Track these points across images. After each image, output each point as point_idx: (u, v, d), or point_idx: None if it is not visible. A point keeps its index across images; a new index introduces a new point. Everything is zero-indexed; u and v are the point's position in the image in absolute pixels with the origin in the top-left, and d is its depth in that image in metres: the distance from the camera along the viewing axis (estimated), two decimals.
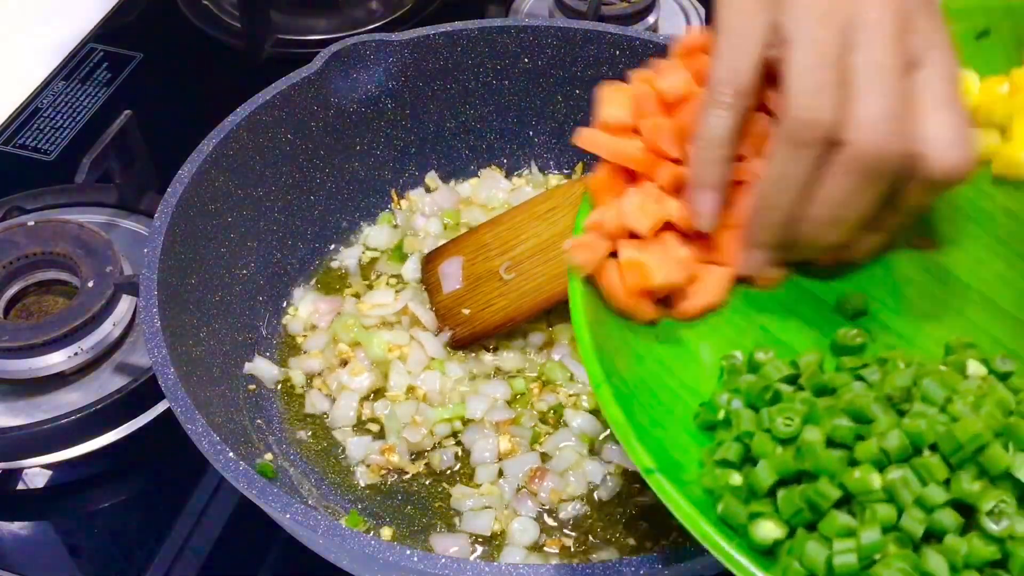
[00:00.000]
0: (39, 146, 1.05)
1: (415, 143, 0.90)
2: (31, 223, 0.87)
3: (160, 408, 0.81)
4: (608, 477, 0.72)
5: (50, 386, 0.82)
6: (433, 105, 0.89)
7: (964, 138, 0.51)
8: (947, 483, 0.46)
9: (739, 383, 0.54)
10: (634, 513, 0.71)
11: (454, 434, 0.76)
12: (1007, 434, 0.46)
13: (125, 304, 0.84)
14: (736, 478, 0.49)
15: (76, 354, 0.81)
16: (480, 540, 0.70)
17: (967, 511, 0.46)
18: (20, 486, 0.80)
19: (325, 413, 0.78)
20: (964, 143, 0.51)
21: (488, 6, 1.20)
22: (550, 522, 0.71)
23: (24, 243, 0.86)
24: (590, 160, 0.91)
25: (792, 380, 0.54)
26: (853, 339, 0.57)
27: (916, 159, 0.51)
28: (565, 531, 0.71)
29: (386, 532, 0.71)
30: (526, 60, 0.87)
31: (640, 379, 0.54)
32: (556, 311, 0.81)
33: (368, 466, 0.75)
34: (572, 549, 0.70)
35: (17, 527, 0.78)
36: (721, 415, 0.53)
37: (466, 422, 0.77)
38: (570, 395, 0.78)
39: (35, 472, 0.80)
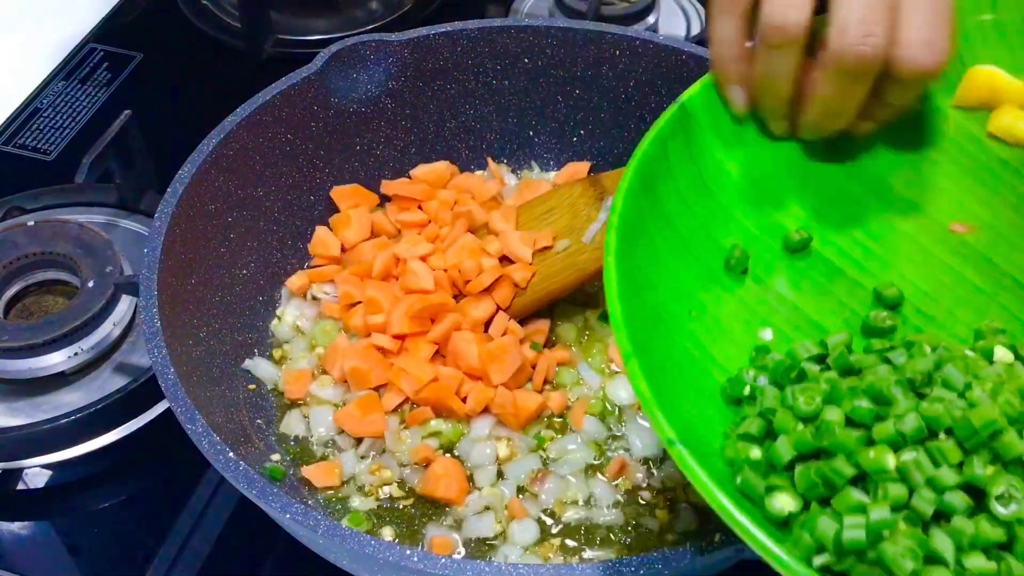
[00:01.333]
0: (39, 146, 1.05)
1: (415, 143, 0.90)
2: (31, 223, 0.87)
3: (160, 408, 0.81)
4: (610, 508, 0.72)
5: (50, 386, 0.82)
6: (433, 105, 0.89)
7: (937, 39, 0.54)
8: (960, 466, 0.47)
9: (767, 360, 0.56)
10: (635, 522, 0.71)
11: (450, 447, 0.75)
12: (1023, 421, 0.47)
13: (125, 304, 0.84)
14: (756, 452, 0.51)
15: (76, 354, 0.81)
16: (480, 540, 0.70)
17: (978, 494, 0.46)
18: (20, 486, 0.80)
19: (303, 436, 0.76)
20: (937, 44, 0.54)
21: (488, 6, 1.20)
22: (551, 523, 0.71)
23: (24, 243, 0.86)
24: (591, 161, 0.91)
25: (820, 359, 0.55)
26: (883, 321, 0.58)
27: (892, 62, 0.55)
28: (565, 532, 0.70)
29: (387, 532, 0.71)
30: (526, 60, 0.87)
31: (670, 353, 0.55)
32: (559, 312, 0.82)
33: (361, 488, 0.73)
34: (571, 548, 0.70)
35: (17, 527, 0.78)
36: (747, 391, 0.55)
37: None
38: (577, 399, 0.77)
39: (35, 472, 0.80)
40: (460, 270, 0.78)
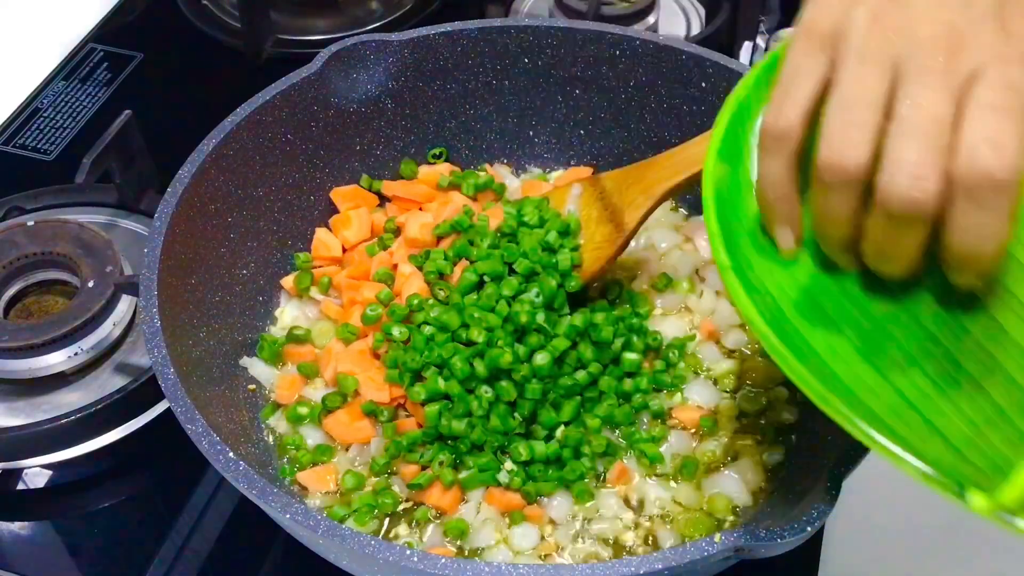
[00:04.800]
0: (39, 146, 1.05)
1: (415, 143, 0.90)
2: (31, 223, 0.87)
3: (160, 408, 0.81)
4: (611, 514, 0.71)
5: (50, 386, 0.82)
6: (433, 105, 0.89)
7: (1006, 141, 0.47)
8: None
9: None
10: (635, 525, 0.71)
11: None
12: None
13: (125, 304, 0.84)
14: None
15: (76, 354, 0.81)
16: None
17: None
18: (20, 486, 0.80)
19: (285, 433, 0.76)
20: (1006, 146, 0.46)
21: (488, 6, 1.20)
22: (549, 530, 0.71)
23: (24, 243, 0.86)
24: (592, 163, 0.91)
25: None
26: None
27: (948, 200, 0.48)
28: (563, 535, 0.70)
29: (403, 531, 0.70)
30: (526, 60, 0.87)
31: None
32: None
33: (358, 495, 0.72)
34: (569, 547, 0.70)
35: (17, 527, 0.78)
36: None
37: None
38: None
39: (35, 472, 0.80)
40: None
